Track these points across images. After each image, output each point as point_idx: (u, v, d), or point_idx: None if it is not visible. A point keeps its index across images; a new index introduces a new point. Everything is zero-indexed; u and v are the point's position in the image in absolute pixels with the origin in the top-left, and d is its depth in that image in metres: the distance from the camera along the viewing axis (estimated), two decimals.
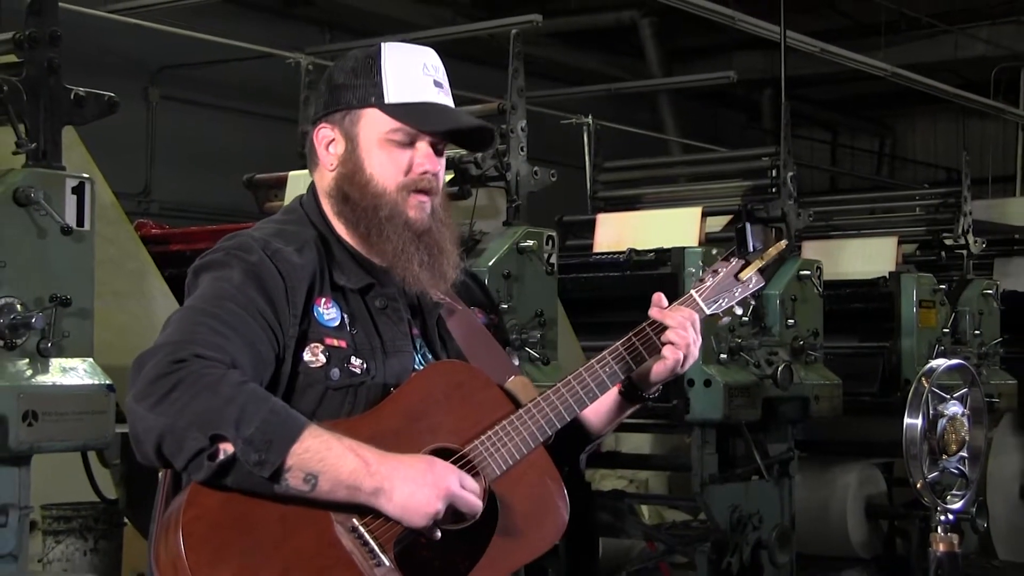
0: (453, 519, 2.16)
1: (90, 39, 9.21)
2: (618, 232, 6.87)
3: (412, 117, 2.33)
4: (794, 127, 7.36)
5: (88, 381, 3.61)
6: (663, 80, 14.31)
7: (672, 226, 6.61)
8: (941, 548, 4.15)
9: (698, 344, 2.42)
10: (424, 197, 2.35)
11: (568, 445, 2.46)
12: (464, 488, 2.15)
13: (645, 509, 7.83)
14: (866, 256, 7.90)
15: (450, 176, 5.30)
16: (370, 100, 2.33)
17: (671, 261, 6.05)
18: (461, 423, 2.26)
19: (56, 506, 4.55)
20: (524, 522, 2.25)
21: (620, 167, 8.23)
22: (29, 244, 3.57)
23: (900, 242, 8.04)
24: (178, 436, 2.03)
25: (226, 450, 2.03)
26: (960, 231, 8.07)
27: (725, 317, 2.52)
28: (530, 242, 5.23)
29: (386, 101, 2.33)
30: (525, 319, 5.18)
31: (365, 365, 2.27)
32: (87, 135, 4.50)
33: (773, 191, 6.98)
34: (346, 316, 2.30)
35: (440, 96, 2.37)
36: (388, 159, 2.34)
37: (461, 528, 2.18)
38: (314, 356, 2.25)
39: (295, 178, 5.76)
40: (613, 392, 2.46)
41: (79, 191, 3.67)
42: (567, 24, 13.84)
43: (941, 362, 4.48)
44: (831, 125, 19.55)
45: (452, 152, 2.51)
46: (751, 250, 6.21)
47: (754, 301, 2.53)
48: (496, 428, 2.27)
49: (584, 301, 6.19)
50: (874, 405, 7.17)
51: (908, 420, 4.25)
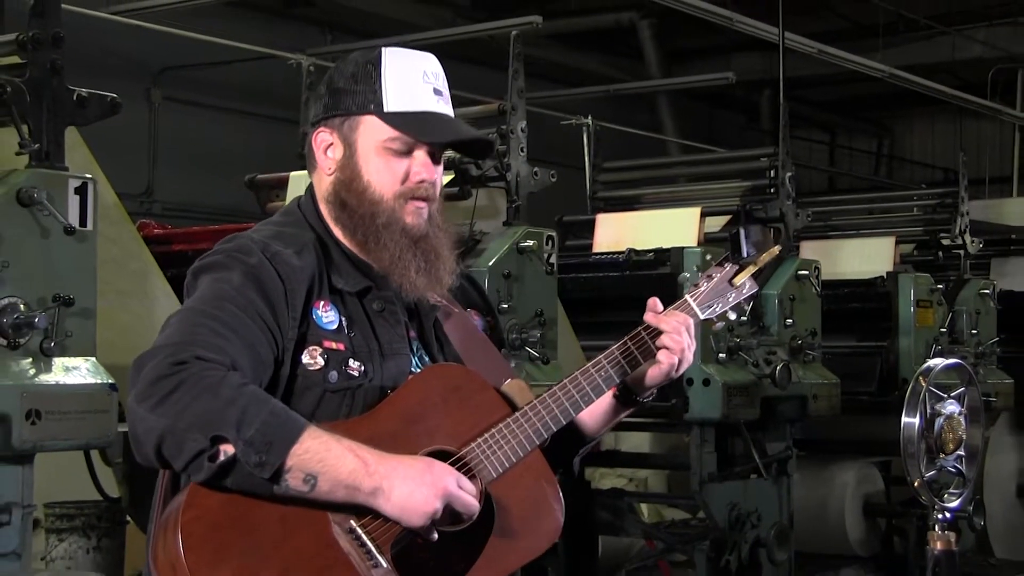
0: (450, 521, 2.17)
1: (93, 40, 9.23)
2: (617, 232, 6.87)
3: (411, 127, 2.33)
4: (792, 128, 7.38)
5: (91, 380, 3.61)
6: (662, 81, 14.29)
7: (671, 226, 6.62)
8: (938, 546, 4.14)
9: (693, 348, 2.43)
10: (421, 204, 2.35)
11: (563, 447, 2.47)
12: (461, 489, 2.17)
13: (644, 507, 7.85)
14: (864, 256, 7.91)
15: (450, 177, 5.31)
16: (369, 107, 2.33)
17: (670, 261, 6.06)
18: (458, 426, 2.26)
19: (59, 504, 4.54)
20: (520, 525, 2.25)
21: (619, 168, 8.24)
22: (32, 244, 3.57)
23: (898, 242, 8.05)
24: (178, 437, 2.04)
25: (226, 451, 2.04)
26: (957, 231, 8.08)
27: (719, 322, 2.54)
28: (530, 242, 5.25)
29: (385, 109, 2.33)
30: (525, 319, 5.20)
31: (363, 368, 2.28)
32: (90, 136, 4.52)
33: (772, 191, 6.99)
34: (344, 319, 2.30)
35: (439, 104, 2.37)
36: (385, 167, 2.34)
37: (458, 530, 2.19)
38: (312, 359, 2.25)
39: (296, 178, 5.77)
40: (608, 395, 2.47)
41: (82, 191, 3.67)
42: (567, 25, 13.83)
43: (938, 361, 4.47)
44: (829, 126, 19.54)
45: (453, 152, 2.52)
46: (745, 255, 6.23)
47: (748, 305, 2.55)
48: (492, 431, 2.27)
49: (584, 301, 6.21)
50: (872, 404, 7.19)
51: (906, 419, 4.25)
